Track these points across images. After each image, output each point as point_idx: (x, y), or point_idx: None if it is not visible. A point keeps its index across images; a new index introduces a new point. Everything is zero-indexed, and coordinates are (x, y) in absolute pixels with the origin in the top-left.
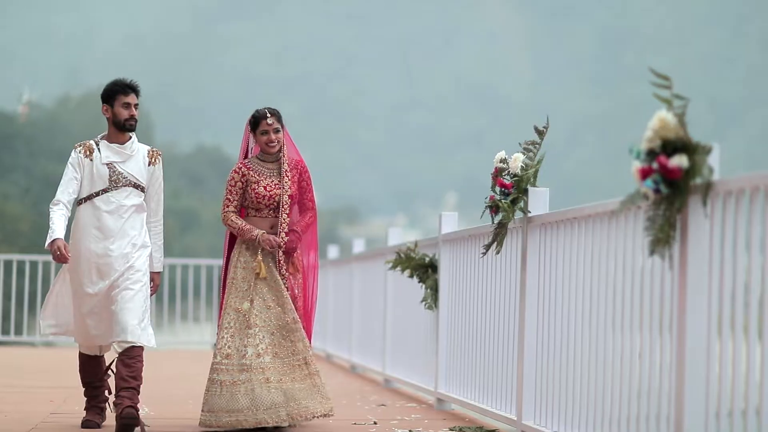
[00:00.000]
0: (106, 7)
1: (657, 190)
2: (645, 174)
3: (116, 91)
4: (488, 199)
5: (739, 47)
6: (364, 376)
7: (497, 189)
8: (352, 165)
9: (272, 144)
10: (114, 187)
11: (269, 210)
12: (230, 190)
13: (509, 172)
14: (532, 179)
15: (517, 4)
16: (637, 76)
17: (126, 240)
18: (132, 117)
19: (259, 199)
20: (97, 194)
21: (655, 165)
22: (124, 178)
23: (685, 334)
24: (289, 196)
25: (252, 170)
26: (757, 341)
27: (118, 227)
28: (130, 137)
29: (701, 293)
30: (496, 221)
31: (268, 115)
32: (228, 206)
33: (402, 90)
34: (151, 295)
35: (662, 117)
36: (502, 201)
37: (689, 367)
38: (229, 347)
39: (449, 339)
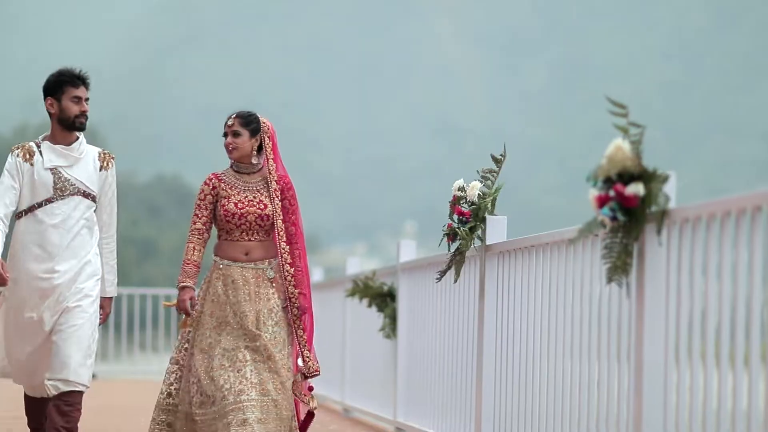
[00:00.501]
0: (63, 37)
1: (614, 218)
2: (602, 202)
3: (64, 82)
4: (446, 227)
5: (696, 76)
6: (323, 405)
7: (455, 217)
8: (310, 194)
9: (229, 148)
10: (59, 196)
11: (241, 232)
12: (197, 205)
13: (467, 200)
14: (489, 207)
15: (473, 36)
16: (595, 105)
17: (75, 260)
18: (83, 113)
19: (228, 218)
20: (40, 205)
21: (612, 193)
22: (72, 185)
23: (642, 362)
24: (283, 220)
25: (224, 182)
26: (715, 368)
27: (65, 244)
28: (78, 137)
29: (659, 321)
30: (453, 249)
31: (231, 116)
32: (194, 223)
33: (359, 120)
34: (99, 323)
35: (618, 145)
36: (460, 229)
37: (647, 395)
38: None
39: (408, 368)
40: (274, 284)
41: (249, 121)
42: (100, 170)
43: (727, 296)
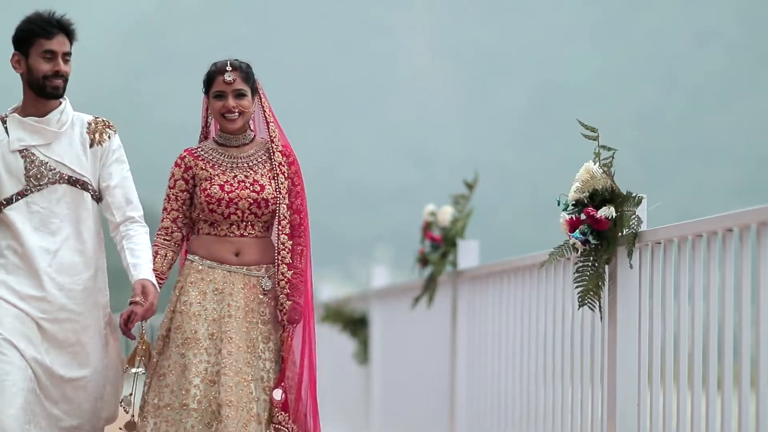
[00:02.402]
0: None
1: (585, 241)
2: (573, 225)
3: (33, 33)
4: (418, 252)
5: (670, 100)
6: None
7: (427, 243)
8: None
9: (231, 115)
10: (35, 186)
11: (230, 225)
12: (167, 197)
13: (438, 225)
14: (461, 232)
15: (448, 61)
16: (570, 129)
17: (66, 275)
18: (57, 73)
19: (211, 206)
20: (9, 202)
21: (583, 216)
22: (50, 169)
23: (615, 385)
24: (287, 205)
25: (203, 160)
26: (688, 391)
27: (50, 254)
28: (60, 103)
29: (631, 344)
30: (425, 275)
31: (228, 68)
32: (163, 219)
33: (331, 144)
34: (139, 319)
35: (589, 168)
36: (432, 255)
37: (620, 418)
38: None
39: (382, 394)
40: (271, 299)
41: (250, 75)
42: (91, 146)
43: (700, 318)
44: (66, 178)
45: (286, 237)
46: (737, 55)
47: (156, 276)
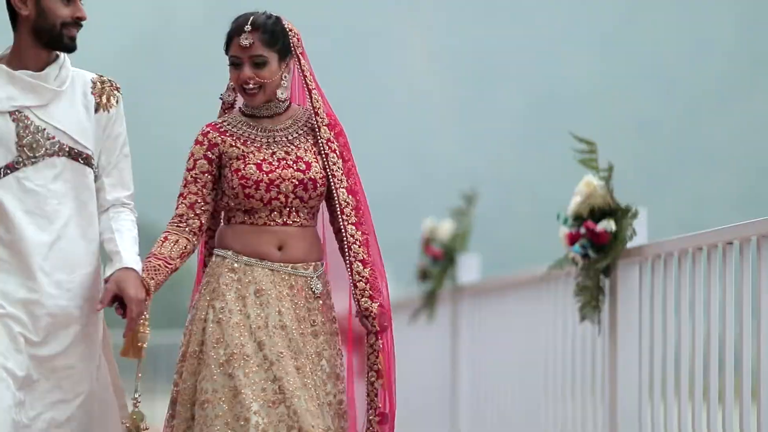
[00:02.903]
0: None
1: (585, 255)
2: (573, 239)
3: None
4: (417, 266)
5: (669, 109)
6: None
7: (426, 258)
8: None
9: (249, 87)
10: (28, 158)
11: (270, 212)
12: (185, 181)
13: (438, 241)
14: (461, 246)
15: (446, 68)
16: (569, 138)
17: (63, 273)
18: (79, 20)
19: (247, 190)
20: None
21: (582, 230)
22: (48, 138)
23: (616, 399)
24: (347, 189)
25: (231, 135)
26: (689, 404)
27: (47, 245)
28: (57, 56)
29: (632, 357)
30: (425, 289)
31: (247, 27)
32: (178, 206)
33: None
34: (132, 319)
35: (588, 182)
36: (431, 270)
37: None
38: None
39: None
40: (323, 305)
41: (276, 36)
42: (96, 111)
43: (700, 332)
44: (66, 149)
45: (354, 227)
46: (737, 64)
47: (161, 259)
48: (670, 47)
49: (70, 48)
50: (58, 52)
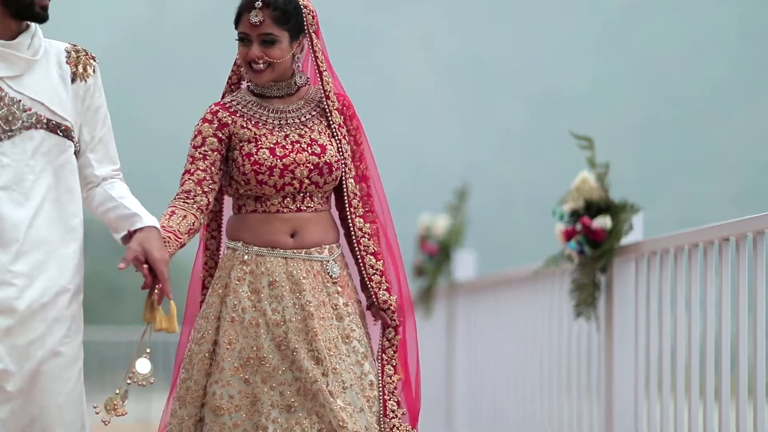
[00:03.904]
0: None
1: (581, 252)
2: (569, 236)
3: None
4: (413, 262)
5: (669, 109)
6: None
7: (422, 254)
8: None
9: (257, 66)
10: (4, 132)
11: (284, 198)
12: (190, 158)
13: (434, 237)
14: (457, 242)
15: (445, 69)
16: (567, 139)
17: (41, 252)
18: None
19: (261, 176)
20: None
21: (578, 226)
22: (24, 110)
23: (612, 395)
24: (355, 178)
25: (242, 116)
26: (685, 400)
27: (25, 223)
28: (28, 26)
29: (628, 354)
30: (421, 286)
31: (258, 3)
32: (184, 183)
33: None
34: (156, 288)
35: (584, 177)
36: (427, 266)
37: (617, 429)
38: None
39: None
40: (340, 288)
41: (289, 13)
42: (72, 81)
43: (697, 328)
44: (44, 121)
45: (362, 220)
46: (736, 65)
47: (170, 231)
48: (670, 48)
49: (42, 18)
50: (29, 22)
